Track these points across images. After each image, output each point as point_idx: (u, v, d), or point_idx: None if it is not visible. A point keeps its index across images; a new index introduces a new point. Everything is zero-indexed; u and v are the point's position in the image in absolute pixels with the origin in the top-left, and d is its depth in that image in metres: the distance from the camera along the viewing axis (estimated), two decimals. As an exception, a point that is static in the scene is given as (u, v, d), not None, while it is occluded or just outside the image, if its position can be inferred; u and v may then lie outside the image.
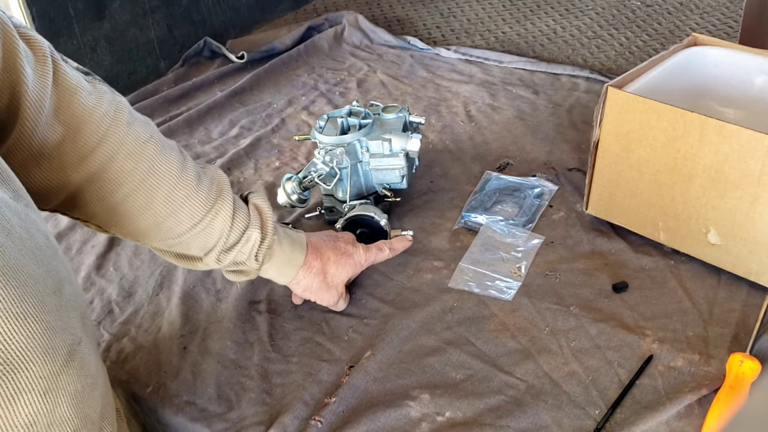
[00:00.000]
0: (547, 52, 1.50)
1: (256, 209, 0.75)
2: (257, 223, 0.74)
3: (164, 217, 0.69)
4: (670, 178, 0.84)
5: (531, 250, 0.92)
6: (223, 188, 0.72)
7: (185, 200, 0.69)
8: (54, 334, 0.48)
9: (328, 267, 0.80)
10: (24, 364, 0.46)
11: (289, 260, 0.78)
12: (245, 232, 0.73)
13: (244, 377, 0.78)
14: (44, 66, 0.59)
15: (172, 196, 0.68)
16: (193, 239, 0.71)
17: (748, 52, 0.94)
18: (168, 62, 1.55)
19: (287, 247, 0.77)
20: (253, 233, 0.73)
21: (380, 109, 1.00)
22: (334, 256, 0.81)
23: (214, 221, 0.71)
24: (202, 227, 0.70)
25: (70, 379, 0.50)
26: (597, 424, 0.69)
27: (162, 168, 0.67)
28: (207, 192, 0.70)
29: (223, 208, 0.71)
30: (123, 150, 0.65)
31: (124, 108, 0.66)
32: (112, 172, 0.65)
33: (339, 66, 1.48)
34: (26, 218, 0.50)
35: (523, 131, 1.19)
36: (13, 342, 0.45)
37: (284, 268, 0.78)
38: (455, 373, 0.76)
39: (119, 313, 0.89)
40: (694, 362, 0.75)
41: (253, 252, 0.74)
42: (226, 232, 0.72)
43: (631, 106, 0.83)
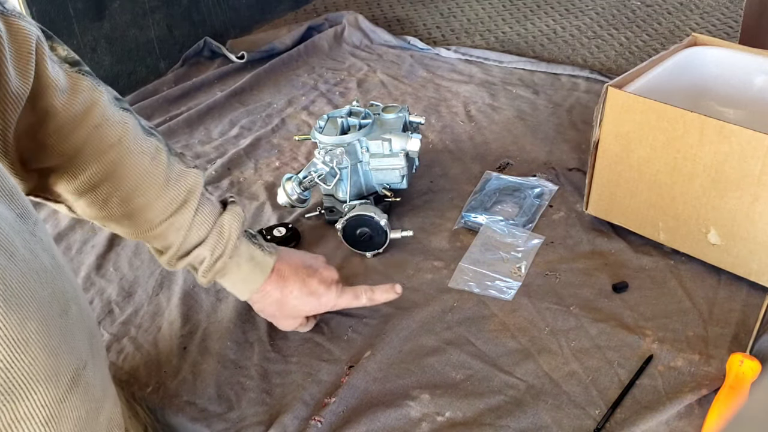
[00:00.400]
0: (547, 52, 1.50)
1: (219, 230, 0.73)
2: (212, 243, 0.72)
3: (118, 218, 0.69)
4: (670, 178, 0.84)
5: (531, 250, 0.92)
6: (189, 198, 0.71)
7: (143, 207, 0.69)
8: (58, 359, 0.47)
9: (287, 299, 0.78)
10: (26, 391, 0.44)
11: (244, 281, 0.76)
12: (196, 248, 0.72)
13: (244, 377, 0.78)
14: (27, 64, 0.58)
15: (129, 201, 0.68)
16: (153, 239, 0.72)
17: (748, 52, 0.94)
18: (168, 62, 1.55)
19: (246, 269, 0.75)
20: (203, 251, 0.72)
21: (380, 109, 1.00)
22: (298, 291, 0.78)
23: (169, 230, 0.70)
24: (158, 232, 0.71)
25: (74, 405, 0.49)
26: (597, 424, 0.69)
27: (122, 173, 0.67)
28: (169, 202, 0.70)
29: (180, 219, 0.70)
30: (85, 150, 0.65)
31: (99, 107, 0.65)
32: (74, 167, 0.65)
33: (339, 66, 1.48)
34: (32, 238, 0.49)
35: (523, 131, 1.19)
36: (15, 368, 0.44)
37: (238, 287, 0.77)
38: (455, 373, 0.76)
39: (119, 313, 0.89)
40: (694, 362, 0.75)
41: (201, 268, 0.73)
42: (179, 242, 0.71)
43: (631, 106, 0.83)
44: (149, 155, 0.69)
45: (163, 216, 0.70)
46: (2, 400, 0.43)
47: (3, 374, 0.43)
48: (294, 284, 0.77)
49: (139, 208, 0.69)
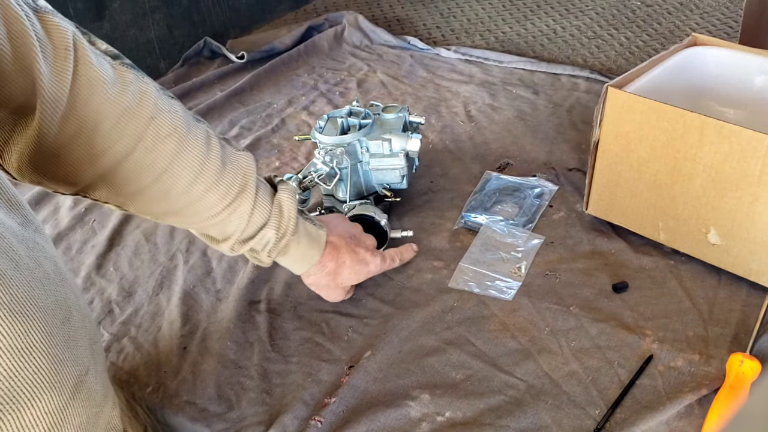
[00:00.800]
0: (547, 52, 1.50)
1: (279, 207, 0.73)
2: (275, 223, 0.73)
3: (180, 208, 0.68)
4: (670, 178, 0.84)
5: (531, 250, 0.92)
6: (247, 183, 0.71)
7: (204, 194, 0.68)
8: (61, 367, 0.47)
9: (341, 270, 0.81)
10: (31, 399, 0.44)
11: (303, 257, 0.78)
12: (261, 230, 0.73)
13: (244, 377, 0.78)
14: (64, 60, 0.56)
15: (190, 190, 0.67)
16: (211, 227, 0.72)
17: (748, 52, 0.94)
18: (168, 62, 1.55)
19: (305, 245, 0.77)
20: (268, 232, 0.73)
21: (380, 109, 1.00)
22: (350, 261, 0.81)
23: (232, 216, 0.70)
24: (220, 219, 0.70)
25: (76, 412, 0.49)
26: (597, 424, 0.69)
27: (181, 162, 0.66)
28: (228, 186, 0.69)
29: (242, 204, 0.70)
30: (141, 145, 0.63)
31: (149, 98, 0.63)
32: (127, 168, 0.63)
33: (339, 66, 1.48)
34: (34, 246, 0.48)
35: (523, 131, 1.19)
36: (19, 377, 0.44)
37: (298, 263, 0.79)
38: (455, 373, 0.76)
39: (119, 313, 0.89)
40: (694, 362, 0.75)
41: (267, 248, 0.74)
42: (242, 227, 0.71)
43: (631, 106, 0.83)
44: (203, 142, 0.68)
45: (225, 201, 0.69)
46: (8, 409, 0.43)
47: (7, 383, 0.43)
48: (345, 254, 0.80)
49: (199, 196, 0.68)
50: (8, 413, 0.43)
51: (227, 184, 0.69)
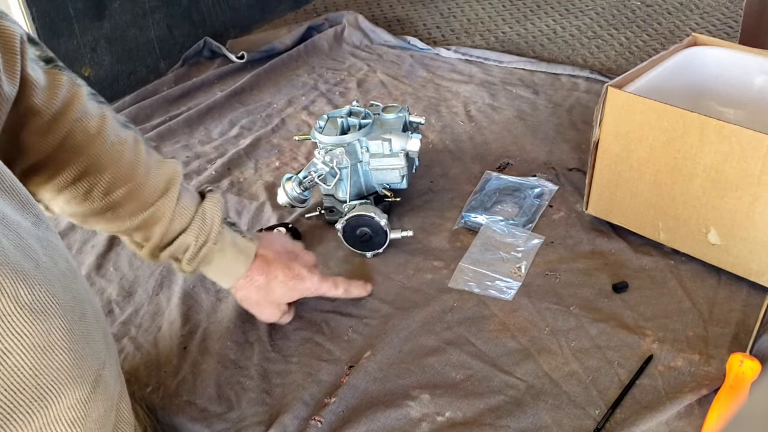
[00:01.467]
0: (547, 52, 1.50)
1: (202, 215, 0.73)
2: (196, 230, 0.72)
3: (100, 209, 0.69)
4: (670, 178, 0.84)
5: (531, 250, 0.92)
6: (169, 188, 0.71)
7: (123, 199, 0.68)
8: (82, 362, 0.48)
9: (273, 285, 0.78)
10: (56, 395, 0.46)
11: (228, 268, 0.76)
12: (180, 236, 0.72)
13: (244, 377, 0.78)
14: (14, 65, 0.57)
15: (111, 193, 0.68)
16: (134, 232, 0.71)
17: (748, 52, 0.94)
18: (168, 62, 1.55)
19: (230, 255, 0.75)
20: (187, 238, 0.72)
21: (380, 109, 1.00)
22: (283, 276, 0.78)
23: (150, 220, 0.70)
24: (139, 224, 0.70)
25: (96, 405, 0.50)
26: (597, 424, 0.69)
27: (103, 166, 0.67)
28: (150, 192, 0.70)
29: (162, 208, 0.70)
30: (67, 144, 0.64)
31: (78, 101, 0.65)
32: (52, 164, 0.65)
33: (339, 66, 1.48)
34: (48, 244, 0.49)
35: (523, 131, 1.19)
36: (44, 375, 0.45)
37: (223, 275, 0.77)
38: (455, 373, 0.76)
39: (119, 313, 0.89)
40: (694, 362, 0.75)
41: (186, 256, 0.73)
42: (162, 232, 0.71)
43: (631, 106, 0.83)
44: (129, 146, 0.69)
45: (145, 205, 0.69)
46: (35, 406, 0.45)
47: (33, 381, 0.44)
48: (278, 269, 0.78)
49: (120, 199, 0.68)
50: (35, 409, 0.45)
51: (151, 188, 0.70)
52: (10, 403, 0.44)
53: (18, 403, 0.44)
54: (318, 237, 0.98)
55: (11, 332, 0.43)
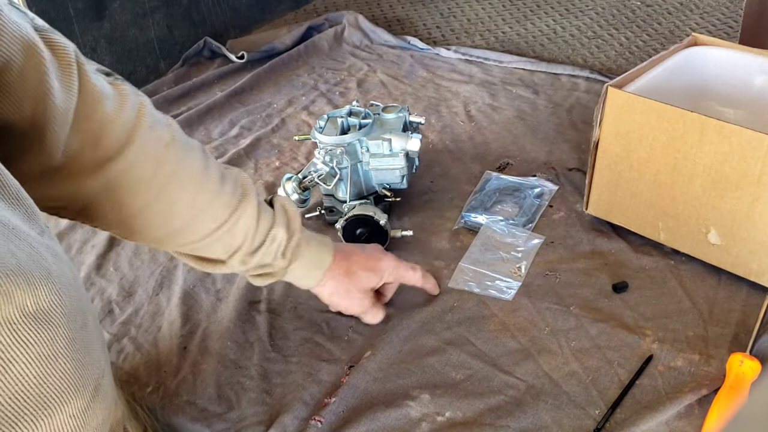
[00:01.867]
0: (547, 52, 1.50)
1: (282, 208, 0.72)
2: (283, 222, 0.71)
3: (187, 221, 0.66)
4: (670, 178, 0.84)
5: (531, 250, 0.92)
6: (247, 189, 0.70)
7: (209, 203, 0.67)
8: (84, 371, 0.48)
9: (355, 269, 0.77)
10: (59, 404, 0.46)
11: (316, 261, 0.75)
12: (270, 231, 0.70)
13: (244, 377, 0.78)
14: (70, 76, 0.56)
15: (196, 200, 0.66)
16: (216, 241, 0.69)
17: (748, 52, 0.94)
18: (168, 62, 1.55)
19: (314, 247, 0.75)
20: (279, 232, 0.71)
21: (380, 109, 1.00)
22: (362, 260, 0.78)
23: (239, 222, 0.68)
24: (226, 229, 0.68)
25: (95, 413, 0.50)
26: (597, 424, 0.69)
27: (184, 171, 0.65)
28: (231, 193, 0.68)
29: (248, 208, 0.69)
30: (143, 155, 0.62)
31: (146, 110, 0.63)
32: (132, 179, 0.62)
33: (339, 66, 1.48)
34: (55, 254, 0.49)
35: (523, 131, 1.19)
36: (47, 384, 0.45)
37: (311, 270, 0.75)
38: (455, 373, 0.76)
39: (119, 313, 0.89)
40: (694, 362, 0.75)
41: (279, 251, 0.71)
42: (252, 233, 0.69)
43: (631, 106, 0.83)
44: (201, 150, 0.67)
45: (229, 209, 0.68)
46: (39, 414, 0.45)
47: (37, 390, 0.44)
48: (355, 254, 0.79)
49: (204, 206, 0.66)
50: (39, 418, 0.45)
51: (229, 191, 0.68)
52: (15, 411, 0.44)
53: (22, 411, 0.44)
54: (318, 237, 0.98)
55: (17, 341, 0.43)
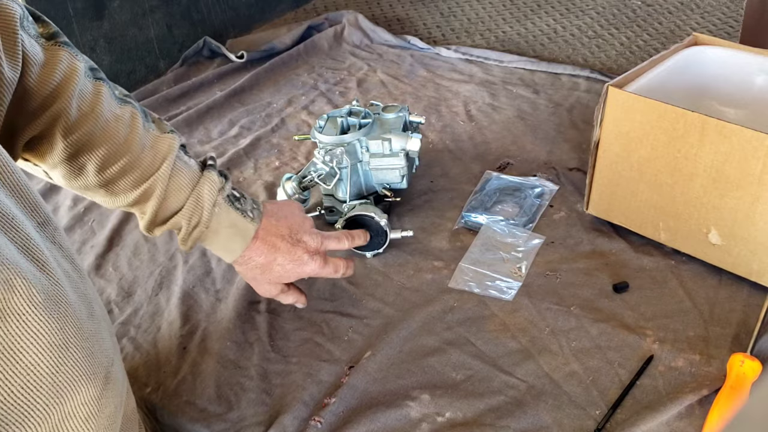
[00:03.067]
0: (547, 52, 1.50)
1: (197, 197, 0.72)
2: (188, 213, 0.72)
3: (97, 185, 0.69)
4: (670, 178, 0.83)
5: (531, 250, 0.92)
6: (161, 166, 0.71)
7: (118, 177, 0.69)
8: (94, 359, 0.49)
9: (272, 266, 0.77)
10: (71, 391, 0.47)
11: (225, 247, 0.76)
12: (173, 217, 0.72)
13: (244, 377, 0.78)
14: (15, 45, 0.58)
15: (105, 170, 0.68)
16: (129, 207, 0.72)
17: (749, 51, 0.94)
18: (167, 62, 1.55)
19: (224, 237, 0.75)
20: (179, 220, 0.72)
21: (380, 109, 1.00)
22: (282, 260, 0.77)
23: (143, 198, 0.71)
24: (134, 200, 0.71)
25: (107, 402, 0.51)
26: (597, 425, 0.69)
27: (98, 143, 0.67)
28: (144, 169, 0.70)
29: (156, 188, 0.70)
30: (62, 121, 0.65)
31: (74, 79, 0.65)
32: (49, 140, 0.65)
33: (339, 65, 1.48)
34: (52, 246, 0.51)
35: (524, 131, 1.19)
36: (60, 372, 0.46)
37: (220, 252, 0.77)
38: (455, 374, 0.76)
39: (119, 313, 0.89)
40: (695, 362, 0.75)
41: (180, 236, 0.73)
42: (154, 210, 0.71)
43: (631, 105, 0.83)
44: (124, 122, 0.69)
45: (139, 182, 0.70)
46: (52, 402, 0.46)
47: (50, 378, 0.46)
48: (278, 252, 0.77)
49: (114, 176, 0.69)
50: (52, 406, 0.46)
51: (145, 166, 0.69)
52: (28, 400, 0.45)
53: (36, 400, 0.45)
54: (318, 237, 0.98)
55: (27, 331, 0.45)
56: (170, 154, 0.71)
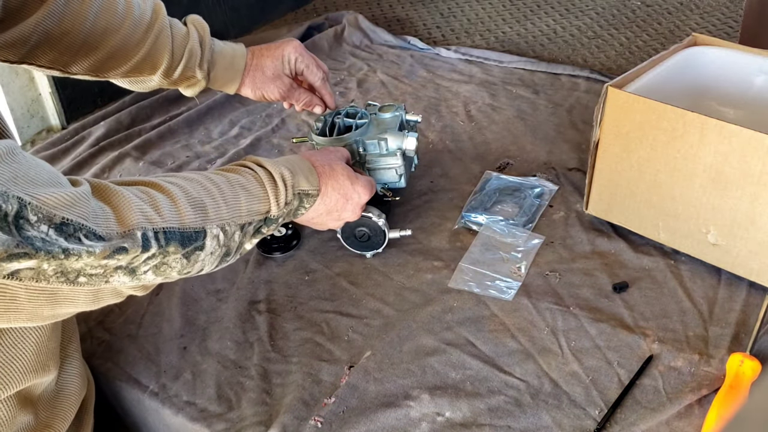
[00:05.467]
0: (547, 52, 1.50)
1: (193, 25, 0.88)
2: (197, 38, 0.87)
3: (116, 46, 0.82)
4: (670, 178, 0.84)
5: (531, 250, 0.92)
6: (158, 15, 0.85)
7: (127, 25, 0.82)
8: None
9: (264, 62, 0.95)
10: None
11: (231, 64, 0.92)
12: (186, 47, 0.86)
13: (244, 377, 0.78)
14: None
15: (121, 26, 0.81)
16: (147, 59, 0.85)
17: (748, 52, 0.94)
18: (168, 62, 1.55)
19: (229, 54, 0.92)
20: (194, 46, 0.86)
21: (377, 109, 1.00)
22: (267, 50, 0.95)
23: (157, 41, 0.84)
24: (149, 43, 0.84)
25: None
26: (597, 425, 0.69)
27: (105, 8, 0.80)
28: (141, 14, 0.83)
29: (163, 28, 0.84)
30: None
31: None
32: (67, 19, 0.77)
33: (339, 66, 1.48)
34: None
35: (523, 131, 1.19)
36: None
37: (228, 72, 0.91)
38: (455, 373, 0.76)
39: (119, 313, 0.89)
40: (695, 362, 0.75)
41: (196, 63, 0.86)
42: (170, 50, 0.85)
43: (631, 106, 0.83)
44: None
45: (144, 23, 0.83)
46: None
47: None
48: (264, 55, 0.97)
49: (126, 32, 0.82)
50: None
51: (140, 13, 0.83)
52: None
53: None
54: (318, 237, 0.98)
55: None
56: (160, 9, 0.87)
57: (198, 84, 0.91)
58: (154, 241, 0.56)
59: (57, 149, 1.22)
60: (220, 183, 0.66)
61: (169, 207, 0.59)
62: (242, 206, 0.67)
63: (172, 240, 0.58)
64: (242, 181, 0.68)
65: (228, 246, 0.65)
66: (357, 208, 0.82)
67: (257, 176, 0.70)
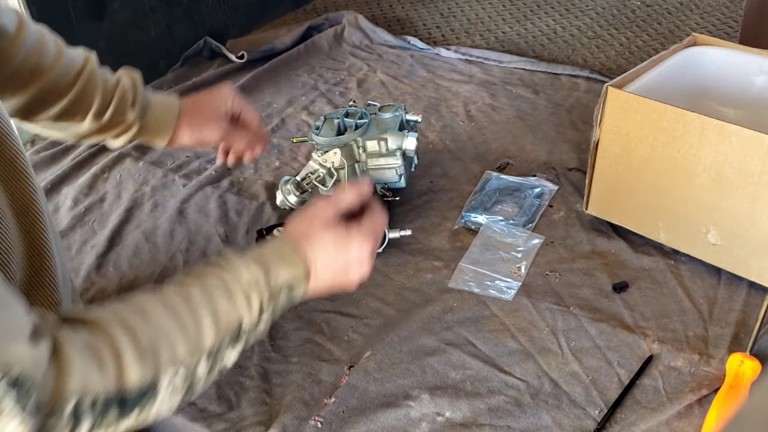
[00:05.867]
0: (547, 52, 1.50)
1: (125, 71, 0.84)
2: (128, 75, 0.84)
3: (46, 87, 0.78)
4: (670, 178, 0.84)
5: (531, 250, 0.92)
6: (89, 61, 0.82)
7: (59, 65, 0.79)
8: None
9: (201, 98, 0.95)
10: None
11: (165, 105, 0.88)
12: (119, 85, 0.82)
13: (244, 377, 0.78)
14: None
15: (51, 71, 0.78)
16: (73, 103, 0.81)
17: (748, 52, 0.94)
18: (168, 62, 1.55)
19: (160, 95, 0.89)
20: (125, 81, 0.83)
21: (377, 109, 1.00)
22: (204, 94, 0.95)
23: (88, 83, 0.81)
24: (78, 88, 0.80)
25: None
26: (597, 424, 0.69)
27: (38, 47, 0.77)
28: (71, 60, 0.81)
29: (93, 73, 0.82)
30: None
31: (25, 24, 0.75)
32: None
33: (339, 66, 1.48)
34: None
35: (523, 131, 1.19)
36: None
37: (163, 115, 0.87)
38: (455, 373, 0.76)
39: (119, 313, 0.89)
40: (695, 362, 0.75)
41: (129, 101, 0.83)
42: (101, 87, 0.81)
43: (631, 106, 0.83)
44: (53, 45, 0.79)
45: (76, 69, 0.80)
46: None
47: None
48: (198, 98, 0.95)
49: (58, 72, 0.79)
50: None
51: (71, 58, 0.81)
52: None
53: None
54: (318, 237, 0.98)
55: None
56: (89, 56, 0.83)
57: (130, 130, 0.84)
58: (89, 413, 0.49)
59: (57, 149, 1.22)
60: (181, 310, 0.59)
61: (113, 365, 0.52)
62: (205, 332, 0.58)
63: (110, 407, 0.51)
64: (206, 296, 0.61)
65: (192, 380, 0.57)
66: (364, 261, 0.67)
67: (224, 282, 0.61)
